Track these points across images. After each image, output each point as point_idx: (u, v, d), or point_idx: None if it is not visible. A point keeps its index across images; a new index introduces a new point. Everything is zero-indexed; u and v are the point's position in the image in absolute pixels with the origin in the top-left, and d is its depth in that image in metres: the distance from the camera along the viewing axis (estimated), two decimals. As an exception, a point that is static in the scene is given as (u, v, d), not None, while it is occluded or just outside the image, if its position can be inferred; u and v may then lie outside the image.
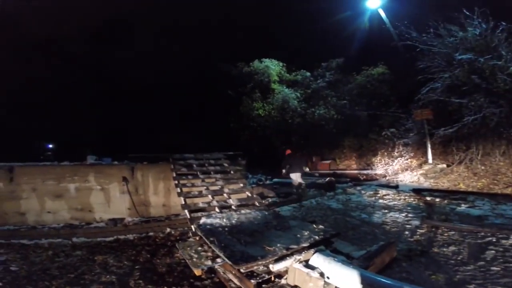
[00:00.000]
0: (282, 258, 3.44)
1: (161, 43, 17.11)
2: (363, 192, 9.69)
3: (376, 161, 13.57)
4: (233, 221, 5.29)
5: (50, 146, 14.13)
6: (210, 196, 6.39)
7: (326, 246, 3.84)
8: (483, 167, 9.73)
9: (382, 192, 9.29)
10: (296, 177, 9.30)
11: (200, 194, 6.43)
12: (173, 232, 6.78)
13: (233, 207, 6.19)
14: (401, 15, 12.72)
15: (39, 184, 7.06)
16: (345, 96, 15.42)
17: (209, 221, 5.26)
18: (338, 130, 14.98)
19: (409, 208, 7.25)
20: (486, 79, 9.82)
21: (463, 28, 10.60)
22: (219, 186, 6.89)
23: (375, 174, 12.72)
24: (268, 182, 12.01)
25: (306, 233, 4.31)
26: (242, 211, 5.90)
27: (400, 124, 13.34)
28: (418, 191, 8.68)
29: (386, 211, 7.28)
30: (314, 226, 4.77)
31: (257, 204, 6.47)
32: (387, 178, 12.13)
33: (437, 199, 7.67)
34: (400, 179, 11.46)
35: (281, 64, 17.58)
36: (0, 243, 5.54)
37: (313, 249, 3.54)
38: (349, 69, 16.15)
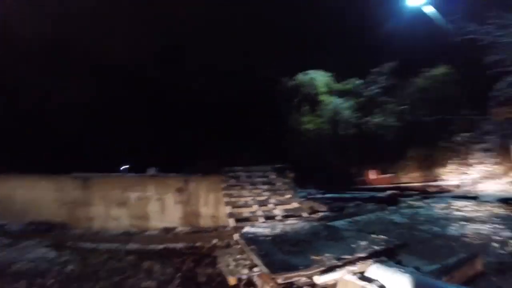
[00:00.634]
0: (330, 269, 3.01)
1: (211, 63, 18.29)
2: (433, 204, 8.40)
3: (448, 171, 11.72)
4: (277, 231, 5.03)
5: (125, 167, 16.04)
6: (255, 206, 6.26)
7: (388, 258, 3.26)
8: None
9: (458, 204, 7.92)
10: None
11: (246, 204, 6.36)
12: (219, 243, 6.74)
13: (277, 217, 5.93)
14: (447, 9, 11.52)
15: (107, 192, 7.91)
16: (405, 102, 13.95)
17: (252, 230, 5.11)
18: (400, 140, 13.48)
19: (495, 219, 6.08)
20: None
21: None
22: (265, 197, 6.75)
23: (448, 185, 10.95)
24: (319, 196, 11.30)
25: (363, 243, 3.79)
26: (288, 222, 5.61)
27: (475, 127, 11.44)
28: (506, 201, 7.26)
29: (464, 223, 6.14)
30: (374, 235, 4.14)
31: (305, 215, 6.08)
32: (463, 189, 10.33)
33: (533, 209, 6.28)
34: (481, 189, 9.64)
35: (328, 74, 17.02)
36: (67, 246, 6.22)
37: (371, 260, 3.04)
38: (405, 73, 14.66)
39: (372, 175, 14.62)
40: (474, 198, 8.35)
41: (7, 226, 7.30)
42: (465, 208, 7.37)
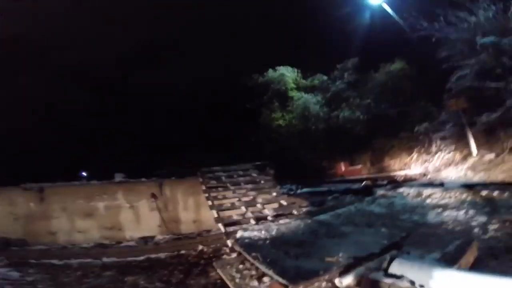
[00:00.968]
0: (349, 269, 2.88)
1: (180, 63, 17.53)
2: (404, 194, 8.81)
3: (412, 160, 12.59)
4: (273, 233, 4.82)
5: (84, 174, 14.47)
6: (243, 208, 5.98)
7: (398, 250, 3.23)
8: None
9: (427, 191, 8.33)
10: None
11: (233, 206, 6.03)
12: (205, 250, 6.38)
13: (269, 217, 5.72)
14: (403, 7, 12.25)
15: (69, 203, 7.01)
16: (368, 96, 14.68)
17: (246, 234, 4.82)
18: (366, 132, 14.17)
19: (466, 205, 6.37)
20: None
21: (471, 13, 10.05)
22: (251, 197, 6.49)
23: (414, 174, 11.71)
24: (299, 191, 11.39)
25: (369, 239, 3.73)
26: (281, 221, 5.44)
27: (432, 117, 12.43)
28: (469, 187, 7.69)
29: (439, 210, 6.47)
30: (371, 229, 4.13)
31: (295, 213, 5.96)
32: (428, 176, 11.10)
33: (495, 193, 6.71)
34: (444, 176, 10.43)
35: (296, 70, 17.17)
36: (30, 263, 5.43)
37: (387, 255, 2.98)
38: (366, 68, 15.50)
39: (342, 167, 15.18)
40: (440, 185, 8.81)
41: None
42: (435, 195, 7.72)
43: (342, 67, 16.06)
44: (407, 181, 11.11)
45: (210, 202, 6.03)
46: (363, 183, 10.45)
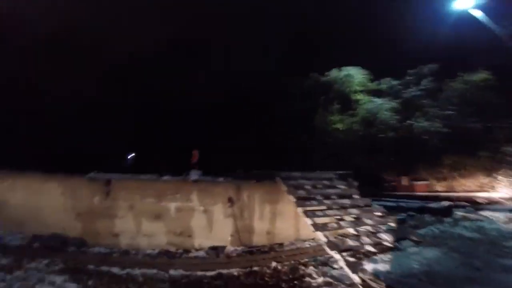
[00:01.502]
0: None
1: (230, 58, 16.82)
2: (491, 217, 7.63)
3: (496, 182, 11.05)
4: (415, 265, 3.74)
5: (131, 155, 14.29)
6: (352, 230, 4.91)
7: None
8: None
9: None
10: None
11: (340, 227, 4.96)
12: (280, 267, 5.49)
13: (387, 243, 4.63)
14: (495, 14, 10.56)
15: (137, 201, 6.25)
16: (447, 106, 13.08)
17: (380, 267, 3.78)
18: (439, 146, 12.58)
19: None
20: None
21: None
22: (355, 215, 5.40)
23: (499, 197, 10.27)
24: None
25: None
26: (409, 250, 4.35)
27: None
28: None
29: None
30: None
31: (414, 238, 4.85)
32: (516, 201, 9.64)
33: None
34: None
35: (364, 71, 15.67)
36: (89, 270, 4.75)
37: None
38: (443, 76, 13.85)
39: (405, 181, 13.71)
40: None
41: (3, 240, 5.56)
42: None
43: (417, 72, 14.43)
44: (490, 204, 9.80)
45: (310, 221, 4.97)
46: (444, 202, 9.17)
